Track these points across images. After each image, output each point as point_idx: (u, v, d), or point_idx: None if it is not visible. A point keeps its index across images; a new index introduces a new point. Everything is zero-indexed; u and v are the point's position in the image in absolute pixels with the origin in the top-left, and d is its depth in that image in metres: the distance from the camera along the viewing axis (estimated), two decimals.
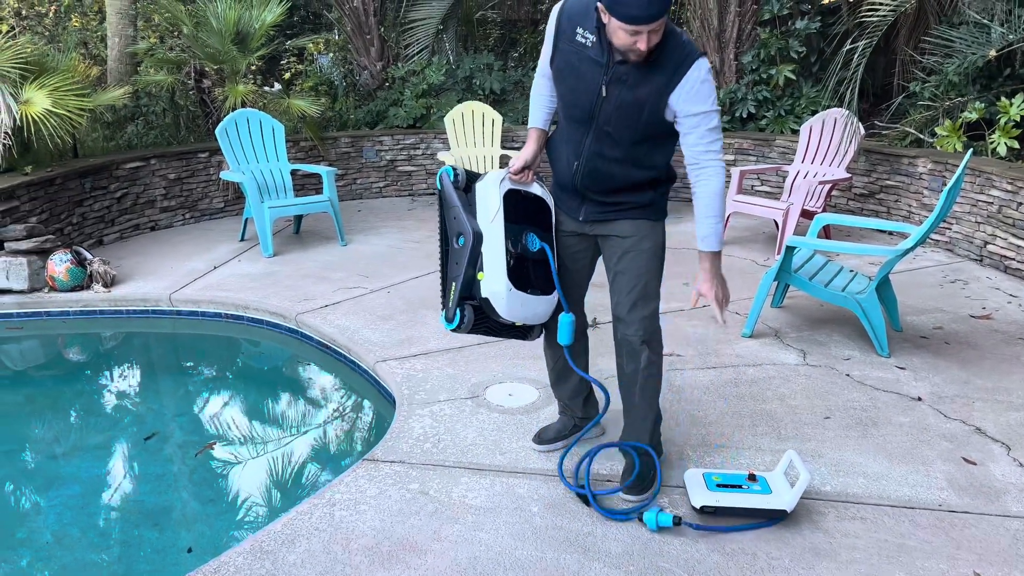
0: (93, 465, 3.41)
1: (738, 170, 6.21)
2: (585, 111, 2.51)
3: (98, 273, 5.16)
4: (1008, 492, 2.82)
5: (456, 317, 2.60)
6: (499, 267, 2.57)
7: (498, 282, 2.57)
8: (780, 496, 2.67)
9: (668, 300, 4.86)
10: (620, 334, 2.75)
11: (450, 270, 2.64)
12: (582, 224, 2.74)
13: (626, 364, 2.77)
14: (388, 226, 7.01)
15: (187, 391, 4.23)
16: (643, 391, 2.77)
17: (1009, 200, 5.29)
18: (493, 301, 2.58)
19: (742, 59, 7.83)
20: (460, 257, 2.58)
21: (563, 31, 2.51)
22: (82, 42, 10.21)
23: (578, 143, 2.59)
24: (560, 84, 2.59)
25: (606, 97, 2.44)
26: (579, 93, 2.50)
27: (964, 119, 6.18)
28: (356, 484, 2.88)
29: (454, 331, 2.62)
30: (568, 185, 2.69)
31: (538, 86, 2.76)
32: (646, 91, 2.40)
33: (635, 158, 2.55)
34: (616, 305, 2.73)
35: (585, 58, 2.45)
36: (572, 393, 3.07)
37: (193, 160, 7.14)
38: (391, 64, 9.50)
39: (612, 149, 2.53)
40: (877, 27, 5.90)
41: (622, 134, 2.49)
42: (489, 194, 2.62)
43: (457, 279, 2.60)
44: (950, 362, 3.94)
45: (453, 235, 2.62)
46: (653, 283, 2.69)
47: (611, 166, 2.56)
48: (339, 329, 4.45)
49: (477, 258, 2.57)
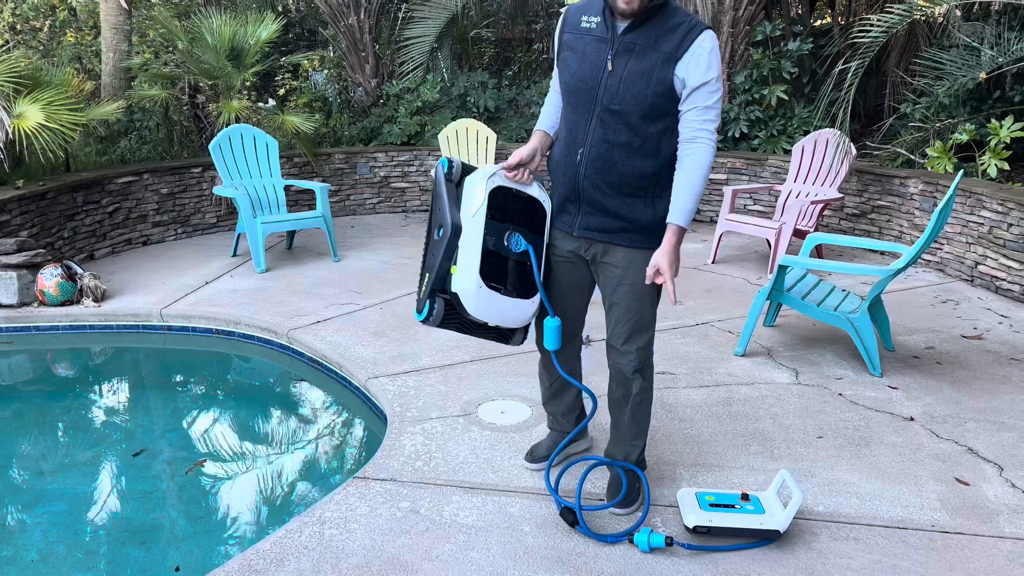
0: (80, 482, 3.37)
1: (730, 189, 6.23)
2: (590, 92, 2.48)
3: (88, 288, 5.14)
4: (1001, 513, 2.81)
5: (425, 308, 2.53)
6: (472, 263, 2.50)
7: (469, 278, 2.50)
8: (773, 516, 2.65)
9: (663, 318, 4.87)
10: (613, 362, 2.76)
11: (427, 260, 2.59)
12: (576, 241, 2.67)
13: (616, 388, 2.79)
14: (381, 242, 7.01)
15: (176, 407, 4.19)
16: (634, 415, 2.80)
17: (999, 221, 5.33)
18: (461, 296, 2.51)
19: (735, 79, 7.89)
20: (437, 249, 2.53)
21: (569, 23, 2.59)
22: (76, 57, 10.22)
23: (583, 130, 2.52)
24: (565, 71, 2.56)
25: (612, 71, 2.44)
26: (584, 72, 2.49)
27: (955, 140, 6.23)
28: (346, 502, 2.86)
29: (422, 322, 2.55)
30: (568, 186, 2.60)
31: (548, 101, 2.78)
32: (654, 59, 2.39)
33: (640, 142, 2.47)
34: (611, 335, 2.72)
35: (590, 39, 2.50)
36: (566, 409, 3.06)
37: (186, 175, 7.13)
38: (386, 81, 9.54)
39: (619, 132, 2.47)
40: (868, 49, 5.95)
41: (628, 108, 2.43)
42: (475, 188, 2.54)
43: (431, 270, 2.53)
44: (942, 382, 3.95)
45: (435, 226, 2.57)
46: (647, 314, 2.67)
47: (617, 152, 2.48)
48: (331, 345, 4.43)
49: (453, 251, 2.51)
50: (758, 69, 7.72)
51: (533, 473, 3.06)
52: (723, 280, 5.75)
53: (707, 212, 7.73)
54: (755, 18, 8.01)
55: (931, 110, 6.73)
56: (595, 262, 2.69)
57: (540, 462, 3.08)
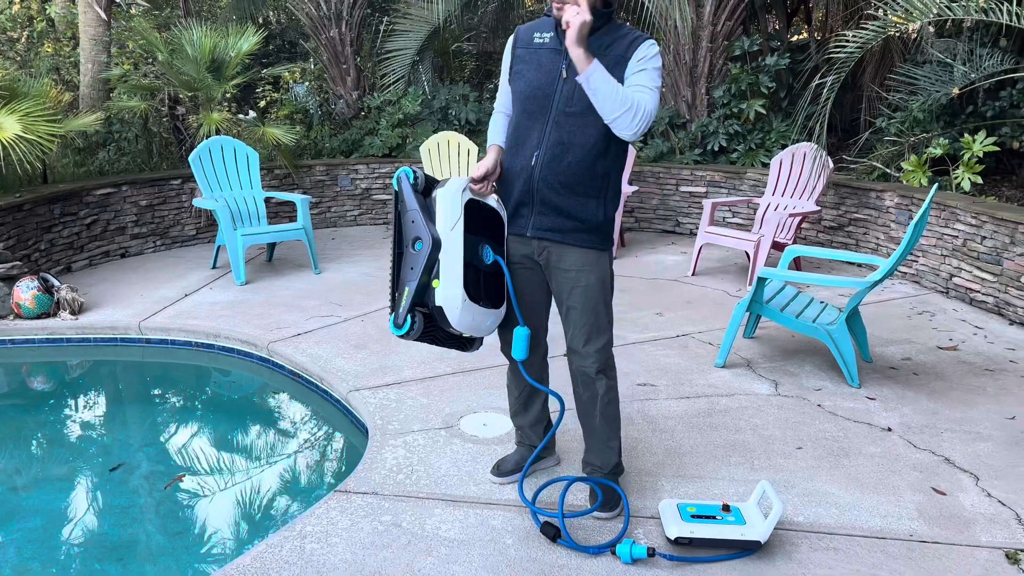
0: (56, 497, 3.32)
1: (710, 202, 6.29)
2: (546, 97, 2.61)
3: (65, 300, 5.08)
4: (977, 522, 2.85)
5: (406, 323, 2.53)
6: (456, 276, 2.53)
7: (454, 291, 2.53)
8: (754, 527, 2.67)
9: (644, 329, 4.89)
10: (576, 365, 2.82)
11: (404, 274, 2.57)
12: (529, 244, 2.73)
13: (583, 392, 2.85)
14: (362, 254, 6.99)
15: (155, 421, 4.15)
16: (604, 415, 2.85)
17: (973, 234, 5.41)
18: (446, 310, 2.53)
19: (714, 93, 7.97)
20: (416, 262, 2.53)
21: (521, 39, 2.71)
22: (54, 68, 10.14)
23: (539, 134, 2.63)
24: (520, 81, 2.67)
25: (566, 78, 2.58)
26: (540, 80, 2.62)
27: (929, 154, 6.32)
28: (327, 516, 2.84)
29: (402, 337, 2.55)
30: (521, 189, 2.67)
31: (495, 121, 2.87)
32: (605, 63, 2.52)
33: (592, 143, 2.59)
34: (571, 339, 2.79)
35: (545, 52, 2.64)
36: (534, 420, 3.08)
37: (165, 187, 7.09)
38: (367, 94, 9.55)
39: (573, 133, 2.59)
40: (844, 64, 6.04)
41: (583, 107, 2.55)
42: (452, 201, 2.57)
43: (411, 284, 2.53)
44: (919, 393, 3.99)
45: (409, 239, 2.56)
46: (604, 315, 2.76)
47: (571, 153, 2.60)
48: (311, 358, 4.41)
49: (434, 265, 2.53)
50: (736, 83, 7.81)
51: (514, 486, 3.06)
52: (703, 292, 5.79)
53: (687, 225, 7.79)
54: (733, 33, 8.11)
55: (906, 124, 6.84)
56: (549, 267, 2.76)
57: (506, 476, 3.08)
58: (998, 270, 5.20)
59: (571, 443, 3.37)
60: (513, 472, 3.09)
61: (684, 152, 8.04)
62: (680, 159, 7.96)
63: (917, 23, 6.10)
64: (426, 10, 8.88)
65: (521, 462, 3.11)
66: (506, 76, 2.75)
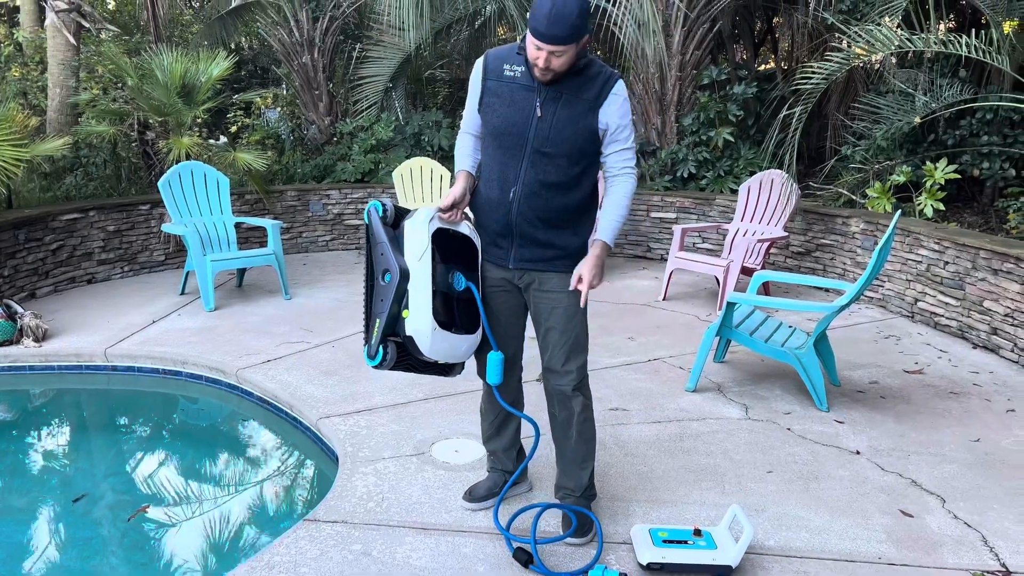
0: (16, 529, 3.24)
1: (680, 228, 6.35)
2: (520, 137, 2.61)
3: (29, 327, 4.99)
4: (944, 544, 2.88)
5: (379, 354, 2.55)
6: (424, 305, 2.55)
7: (423, 320, 2.54)
8: (725, 551, 2.67)
9: (615, 354, 4.91)
10: (552, 385, 2.82)
11: (375, 306, 2.60)
12: (511, 272, 2.77)
13: (559, 412, 2.86)
14: (334, 279, 6.96)
15: (120, 450, 4.07)
16: (581, 434, 2.86)
17: (936, 259, 5.52)
18: (417, 339, 2.55)
19: (683, 121, 8.09)
20: (386, 294, 2.56)
21: (491, 69, 2.68)
22: (22, 92, 10.03)
23: (514, 171, 2.65)
24: (492, 115, 2.67)
25: (542, 116, 2.59)
26: (514, 117, 2.62)
27: (892, 182, 6.46)
28: (296, 546, 2.80)
29: (376, 368, 2.56)
30: (500, 222, 2.70)
31: (462, 142, 2.84)
32: (581, 106, 2.58)
33: (567, 180, 2.65)
34: (549, 359, 2.80)
35: (516, 87, 2.62)
36: (507, 445, 3.08)
37: (134, 212, 7.01)
38: (340, 119, 9.56)
39: (548, 173, 2.63)
40: (811, 94, 6.17)
41: (559, 151, 2.60)
42: (418, 232, 2.59)
43: (381, 316, 2.56)
44: (886, 416, 4.04)
45: (379, 271, 2.60)
46: (583, 336, 2.79)
47: (549, 190, 2.64)
48: (281, 384, 4.37)
49: (403, 296, 2.55)
50: (705, 112, 7.93)
51: (487, 512, 3.04)
52: (674, 317, 5.83)
53: (658, 250, 7.86)
54: (701, 62, 8.25)
55: (870, 152, 6.99)
56: (528, 290, 2.79)
57: (479, 502, 3.07)
58: (961, 295, 5.31)
59: (543, 469, 3.36)
60: (486, 498, 3.07)
61: (655, 179, 8.13)
62: (651, 186, 8.05)
63: (880, 54, 6.26)
64: (398, 38, 8.93)
65: (493, 487, 3.09)
66: (474, 101, 2.74)
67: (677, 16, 7.83)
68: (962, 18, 8.82)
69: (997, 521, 3.05)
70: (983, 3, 6.16)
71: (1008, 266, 4.90)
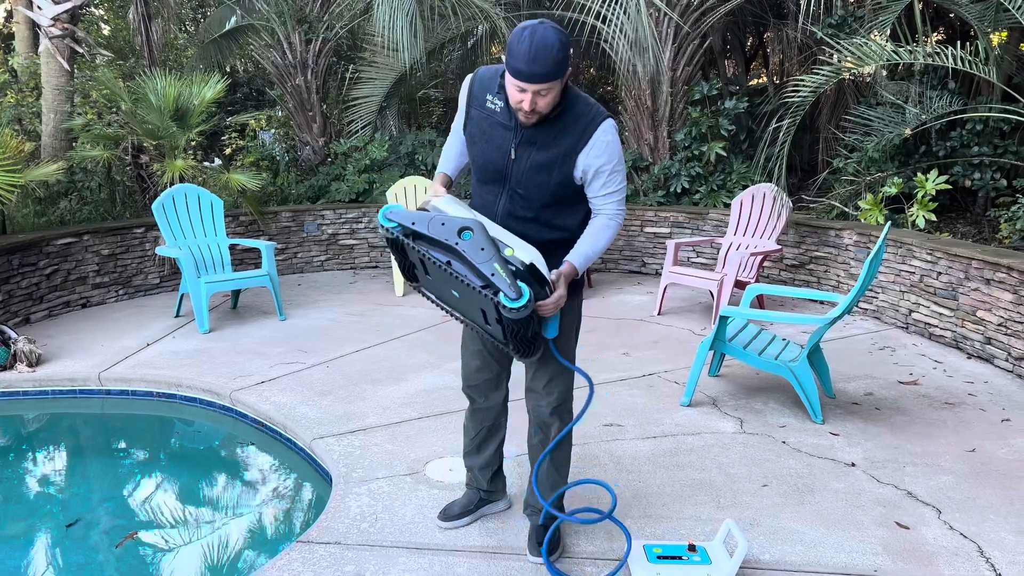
0: (10, 555, 3.22)
1: (673, 242, 6.37)
2: (498, 173, 2.56)
3: (23, 352, 4.98)
4: (940, 555, 2.87)
5: (526, 294, 2.33)
6: (516, 240, 2.45)
7: (529, 248, 2.44)
8: (720, 566, 2.66)
9: (611, 370, 4.90)
10: (532, 404, 2.82)
11: (478, 260, 2.37)
12: None
13: (535, 434, 2.86)
14: (328, 300, 6.96)
15: (114, 474, 4.05)
16: (553, 460, 2.85)
17: (929, 270, 5.53)
18: (537, 263, 2.42)
19: (675, 136, 8.13)
20: (479, 244, 2.38)
21: (475, 97, 2.60)
22: (16, 118, 10.07)
23: (492, 204, 2.61)
24: (472, 148, 2.64)
25: (516, 159, 2.50)
26: (490, 156, 2.56)
27: (884, 193, 6.49)
28: (289, 568, 2.78)
29: (521, 308, 2.32)
30: None
31: (450, 143, 2.80)
32: (555, 153, 2.47)
33: (547, 219, 2.58)
34: (532, 379, 2.79)
35: (495, 123, 2.53)
36: (483, 464, 3.06)
37: (128, 236, 7.02)
38: (333, 140, 9.60)
39: (525, 210, 2.57)
40: (800, 107, 6.21)
41: (533, 194, 2.53)
42: (450, 201, 2.52)
43: (491, 261, 2.35)
44: (881, 427, 4.04)
45: (452, 236, 2.40)
46: (569, 357, 2.76)
47: (525, 226, 2.58)
48: (275, 406, 4.35)
49: (493, 240, 2.41)
50: (697, 127, 7.98)
51: (480, 532, 3.02)
52: (668, 331, 5.83)
53: (652, 265, 7.87)
54: (693, 78, 8.31)
55: (862, 164, 7.02)
56: None
57: (452, 520, 3.05)
58: (954, 305, 5.31)
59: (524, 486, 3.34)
60: (460, 516, 3.06)
61: (648, 194, 8.16)
62: (644, 201, 8.07)
63: (869, 67, 6.30)
64: (391, 58, 8.99)
65: (468, 505, 3.09)
66: (460, 120, 2.69)
67: (668, 32, 7.89)
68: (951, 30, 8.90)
69: (993, 531, 3.04)
70: (970, 15, 6.22)
71: (1000, 275, 4.91)
